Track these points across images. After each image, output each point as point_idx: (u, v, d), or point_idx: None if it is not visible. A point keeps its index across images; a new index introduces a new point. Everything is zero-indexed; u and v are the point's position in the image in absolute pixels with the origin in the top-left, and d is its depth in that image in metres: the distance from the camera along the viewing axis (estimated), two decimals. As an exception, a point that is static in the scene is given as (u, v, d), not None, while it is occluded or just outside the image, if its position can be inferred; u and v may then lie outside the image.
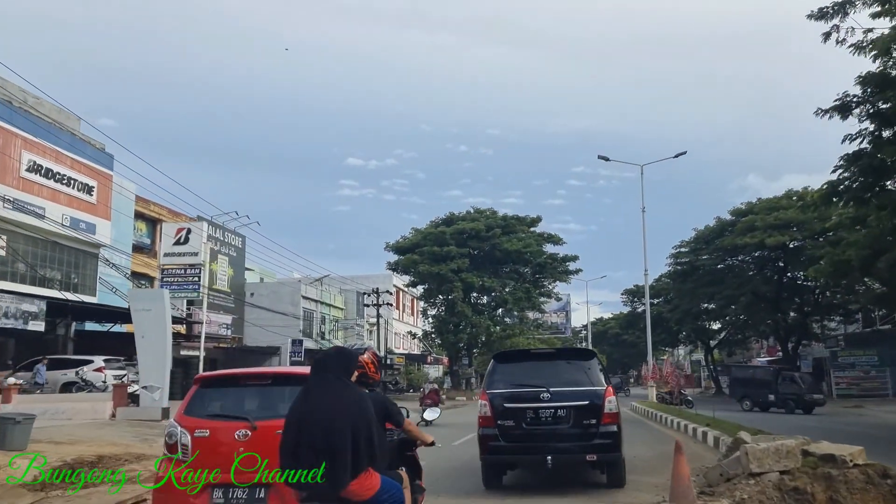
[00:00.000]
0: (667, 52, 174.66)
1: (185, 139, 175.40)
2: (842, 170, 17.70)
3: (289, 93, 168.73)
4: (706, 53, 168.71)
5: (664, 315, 51.56)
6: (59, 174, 27.22)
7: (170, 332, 16.54)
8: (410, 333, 55.89)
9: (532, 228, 48.32)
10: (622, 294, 66.84)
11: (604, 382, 8.73)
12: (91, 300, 27.70)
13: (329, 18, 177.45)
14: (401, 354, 55.96)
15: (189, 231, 30.97)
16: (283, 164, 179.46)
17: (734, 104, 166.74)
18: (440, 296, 47.24)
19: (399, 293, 62.01)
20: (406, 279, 52.18)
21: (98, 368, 21.33)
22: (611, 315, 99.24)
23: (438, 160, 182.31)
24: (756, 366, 34.04)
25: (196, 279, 29.79)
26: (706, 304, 48.36)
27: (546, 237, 48.55)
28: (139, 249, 35.48)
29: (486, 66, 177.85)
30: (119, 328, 28.48)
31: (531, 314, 56.02)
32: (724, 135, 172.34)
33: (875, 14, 15.26)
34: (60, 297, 23.39)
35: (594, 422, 8.37)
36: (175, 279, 30.29)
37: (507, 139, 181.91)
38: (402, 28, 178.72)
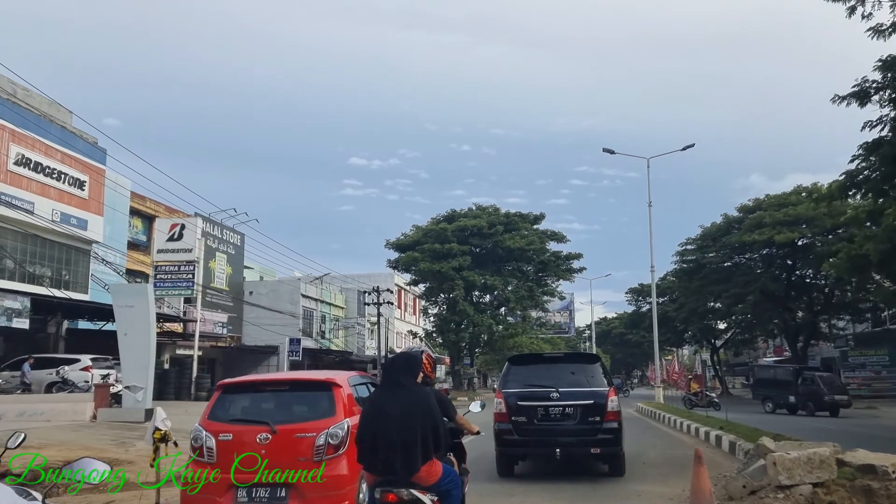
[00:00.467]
0: (670, 52, 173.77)
1: (188, 139, 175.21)
2: (860, 159, 16.85)
3: (292, 93, 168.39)
4: (709, 53, 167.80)
5: (669, 314, 50.52)
6: (49, 168, 26.52)
7: (154, 330, 15.80)
8: (411, 332, 55.02)
9: (535, 226, 47.42)
10: (626, 293, 65.80)
11: (606, 384, 9.46)
12: (83, 298, 27.01)
13: (332, 18, 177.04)
14: (402, 354, 55.13)
15: (183, 227, 30.11)
16: (287, 164, 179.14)
17: (737, 103, 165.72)
18: (441, 294, 46.39)
19: (401, 292, 61.20)
20: (407, 278, 51.37)
21: (85, 367, 20.56)
22: (615, 315, 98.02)
23: (442, 160, 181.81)
24: (777, 365, 32.37)
25: (190, 276, 28.93)
26: (713, 303, 47.33)
27: (549, 234, 47.62)
28: (135, 246, 34.74)
29: (490, 66, 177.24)
30: (111, 326, 27.65)
31: (534, 313, 55.06)
32: (728, 134, 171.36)
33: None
34: (47, 294, 22.63)
35: (598, 419, 9.09)
36: (169, 276, 29.44)
37: (511, 139, 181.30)
38: (406, 28, 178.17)
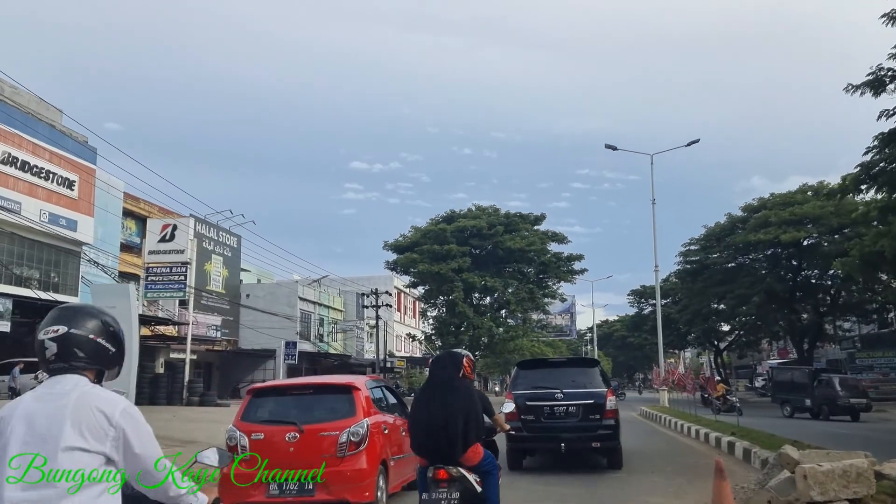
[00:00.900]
0: (671, 54, 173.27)
1: (190, 143, 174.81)
2: (874, 151, 16.15)
3: (293, 96, 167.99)
4: (710, 54, 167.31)
5: (672, 316, 49.64)
6: (37, 167, 25.84)
7: (136, 333, 15.08)
8: (409, 335, 54.23)
9: (536, 226, 46.60)
10: (628, 295, 64.91)
11: (605, 386, 10.51)
12: (72, 300, 26.33)
13: (333, 21, 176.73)
14: (402, 357, 54.34)
15: (175, 227, 29.37)
16: (288, 168, 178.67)
17: (739, 105, 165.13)
18: (440, 296, 45.60)
19: (400, 295, 60.42)
20: (407, 280, 50.62)
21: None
22: (616, 317, 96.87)
23: (443, 163, 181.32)
24: (795, 367, 31.21)
25: (182, 278, 28.16)
26: (716, 305, 46.45)
27: (550, 235, 46.73)
28: (129, 249, 34.02)
29: (491, 69, 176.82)
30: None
31: (535, 315, 54.19)
32: (729, 136, 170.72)
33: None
34: (30, 296, 21.94)
35: (598, 417, 10.07)
36: (160, 278, 28.68)
37: (512, 142, 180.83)
38: (408, 30, 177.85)
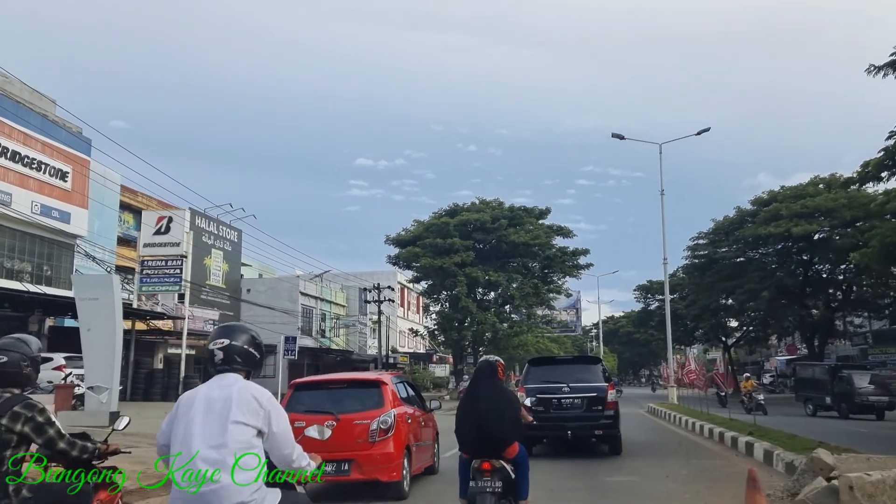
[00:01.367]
0: (677, 52, 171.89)
1: (195, 141, 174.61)
2: (897, 136, 15.36)
3: (298, 94, 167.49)
4: (717, 53, 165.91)
5: (680, 311, 48.71)
6: (28, 158, 25.24)
7: (120, 325, 14.44)
8: (412, 331, 53.50)
9: (541, 220, 45.79)
10: (635, 290, 63.90)
11: (606, 381, 12.03)
12: (65, 294, 25.69)
13: (337, 20, 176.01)
14: (405, 353, 53.65)
15: (170, 220, 28.68)
16: (293, 165, 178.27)
17: (745, 102, 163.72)
18: (444, 291, 44.85)
19: (403, 290, 59.72)
20: (409, 275, 49.91)
21: (58, 367, 19.17)
22: (622, 313, 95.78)
23: (448, 160, 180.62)
24: (816, 363, 30.16)
25: (178, 271, 27.51)
26: (725, 300, 45.50)
27: (556, 230, 45.93)
28: (126, 242, 33.43)
29: (496, 66, 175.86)
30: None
31: (540, 311, 53.33)
32: (735, 133, 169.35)
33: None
34: (17, 289, 21.30)
35: (600, 408, 11.52)
36: (155, 271, 28.03)
37: (517, 139, 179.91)
38: (412, 29, 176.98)
